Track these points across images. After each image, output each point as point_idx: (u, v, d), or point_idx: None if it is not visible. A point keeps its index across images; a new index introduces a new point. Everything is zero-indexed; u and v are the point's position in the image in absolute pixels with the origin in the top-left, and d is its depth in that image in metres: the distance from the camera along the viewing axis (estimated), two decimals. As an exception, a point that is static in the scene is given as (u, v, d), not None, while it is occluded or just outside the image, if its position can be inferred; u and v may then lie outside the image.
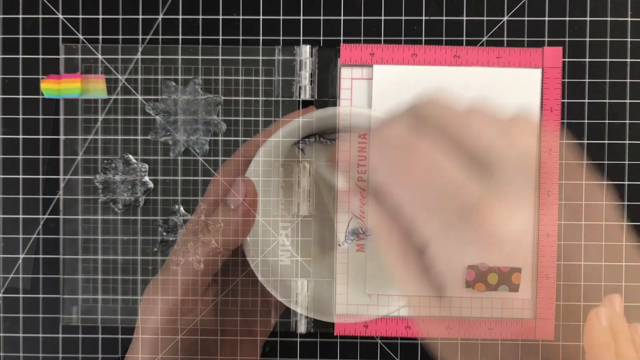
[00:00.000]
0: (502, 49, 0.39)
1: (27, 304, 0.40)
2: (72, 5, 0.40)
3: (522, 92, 0.39)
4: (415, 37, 0.40)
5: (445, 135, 0.30)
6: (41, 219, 0.40)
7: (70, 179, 0.40)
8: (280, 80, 0.39)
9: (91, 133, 0.40)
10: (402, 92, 0.39)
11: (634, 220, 0.39)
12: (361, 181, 0.39)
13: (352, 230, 0.38)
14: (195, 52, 0.40)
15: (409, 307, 0.39)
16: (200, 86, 0.40)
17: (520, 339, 0.39)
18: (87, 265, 0.40)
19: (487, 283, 0.39)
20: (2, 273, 0.40)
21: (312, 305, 0.39)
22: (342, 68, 0.39)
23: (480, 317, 0.39)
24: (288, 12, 0.40)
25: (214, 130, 0.40)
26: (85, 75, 0.40)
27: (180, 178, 0.40)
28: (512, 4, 0.39)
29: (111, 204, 0.40)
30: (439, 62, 0.39)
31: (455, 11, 0.40)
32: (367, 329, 0.39)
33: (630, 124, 0.39)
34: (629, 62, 0.39)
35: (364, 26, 0.40)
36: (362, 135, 0.39)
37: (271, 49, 0.40)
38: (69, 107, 0.40)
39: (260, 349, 0.40)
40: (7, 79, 0.40)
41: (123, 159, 0.40)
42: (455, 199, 0.30)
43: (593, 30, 0.39)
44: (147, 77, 0.40)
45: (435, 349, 0.38)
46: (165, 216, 0.40)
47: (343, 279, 0.40)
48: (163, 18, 0.40)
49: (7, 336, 0.40)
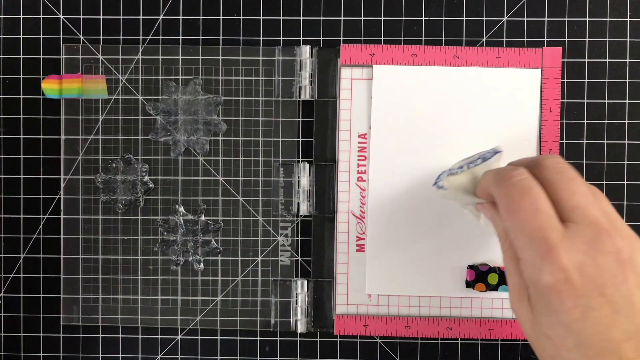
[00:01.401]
0: (501, 49, 0.39)
1: (27, 303, 0.40)
2: (73, 6, 0.40)
3: (521, 92, 0.39)
4: (415, 37, 0.40)
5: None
6: (42, 219, 0.40)
7: (70, 179, 0.40)
8: (280, 80, 0.40)
9: (92, 133, 0.40)
10: (402, 92, 0.39)
11: (633, 220, 0.39)
12: (361, 181, 0.39)
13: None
14: (196, 52, 0.40)
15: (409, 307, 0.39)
16: (201, 86, 0.40)
17: (520, 339, 0.39)
18: (87, 265, 0.40)
19: (487, 283, 0.39)
20: (3, 273, 0.40)
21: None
22: (342, 68, 0.39)
23: (480, 317, 0.39)
24: (288, 13, 0.40)
25: (214, 130, 0.40)
26: (86, 75, 0.40)
27: (180, 178, 0.40)
28: (512, 4, 0.39)
29: (112, 203, 0.40)
30: (438, 62, 0.39)
31: (455, 11, 0.40)
32: (367, 328, 0.39)
33: (629, 124, 0.39)
34: (628, 62, 0.39)
35: (364, 26, 0.40)
36: (363, 135, 0.39)
37: (271, 49, 0.40)
38: (70, 107, 0.40)
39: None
40: (8, 79, 0.40)
41: (123, 159, 0.40)
42: None
43: (592, 30, 0.39)
44: (148, 77, 0.40)
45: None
46: (165, 216, 0.40)
47: (343, 279, 0.40)
48: (163, 18, 0.40)
49: (7, 336, 0.40)
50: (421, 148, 0.39)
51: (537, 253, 0.26)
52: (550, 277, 0.25)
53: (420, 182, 0.38)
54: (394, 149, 0.39)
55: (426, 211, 0.39)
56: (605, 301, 0.25)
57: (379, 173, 0.39)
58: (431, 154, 0.39)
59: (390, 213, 0.39)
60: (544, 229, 0.26)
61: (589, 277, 0.25)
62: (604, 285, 0.25)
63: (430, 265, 0.39)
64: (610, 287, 0.25)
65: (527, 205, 0.26)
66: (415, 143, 0.39)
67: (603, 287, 0.25)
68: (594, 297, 0.25)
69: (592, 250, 0.25)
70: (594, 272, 0.25)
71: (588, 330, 0.25)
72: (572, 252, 0.25)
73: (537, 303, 0.26)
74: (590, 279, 0.25)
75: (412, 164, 0.39)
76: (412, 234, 0.39)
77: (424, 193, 0.39)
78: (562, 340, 0.26)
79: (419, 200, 0.39)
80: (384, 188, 0.39)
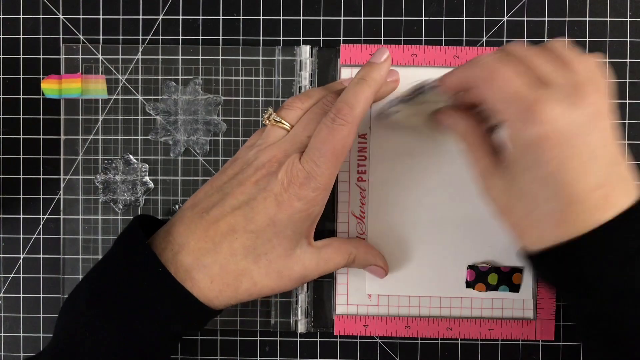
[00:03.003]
0: (501, 49, 0.39)
1: (27, 303, 0.40)
2: (73, 6, 0.40)
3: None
4: (415, 37, 0.40)
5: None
6: (42, 219, 0.40)
7: (70, 179, 0.40)
8: (280, 80, 0.40)
9: (91, 133, 0.40)
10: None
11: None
12: (361, 181, 0.39)
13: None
14: (196, 52, 0.40)
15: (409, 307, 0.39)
16: (201, 86, 0.40)
17: (520, 339, 0.39)
18: (87, 265, 0.40)
19: (487, 283, 0.39)
20: (3, 273, 0.40)
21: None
22: (342, 68, 0.39)
23: (480, 317, 0.39)
24: (288, 13, 0.40)
25: (214, 130, 0.40)
26: (86, 75, 0.40)
27: (180, 178, 0.40)
28: (512, 4, 0.39)
29: (111, 203, 0.40)
30: (438, 62, 0.39)
31: (455, 11, 0.40)
32: (367, 328, 0.39)
33: (629, 124, 0.39)
34: (628, 62, 0.39)
35: (364, 26, 0.40)
36: (363, 135, 0.39)
37: (271, 49, 0.40)
38: (70, 107, 0.40)
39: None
40: (8, 79, 0.40)
41: (123, 159, 0.40)
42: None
43: (592, 30, 0.39)
44: (148, 77, 0.40)
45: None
46: (165, 216, 0.40)
47: (343, 279, 0.40)
48: (163, 18, 0.40)
49: (7, 336, 0.40)
50: (421, 148, 0.39)
51: (519, 110, 0.28)
52: (532, 129, 0.27)
53: (420, 182, 0.38)
54: (394, 149, 0.39)
55: (426, 211, 0.39)
56: (575, 152, 0.27)
57: (379, 173, 0.39)
58: (431, 154, 0.39)
59: (390, 213, 0.39)
60: (521, 90, 0.28)
61: (564, 130, 0.27)
62: (574, 138, 0.27)
63: (430, 266, 0.39)
64: (579, 140, 0.27)
65: (506, 71, 0.28)
66: (416, 143, 0.39)
67: (574, 139, 0.27)
68: (567, 148, 0.27)
69: (570, 104, 0.27)
70: (568, 126, 0.27)
71: (561, 181, 0.27)
72: (552, 106, 0.27)
73: (517, 162, 0.29)
74: (564, 131, 0.27)
75: (412, 164, 0.39)
76: (412, 234, 0.39)
77: (424, 193, 0.39)
78: (538, 194, 0.28)
79: (419, 201, 0.39)
80: (384, 188, 0.39)
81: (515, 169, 0.29)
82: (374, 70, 0.33)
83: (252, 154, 0.33)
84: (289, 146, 0.33)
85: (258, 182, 0.32)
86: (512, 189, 0.29)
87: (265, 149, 0.33)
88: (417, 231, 0.39)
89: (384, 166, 0.39)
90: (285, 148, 0.33)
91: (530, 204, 0.29)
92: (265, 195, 0.31)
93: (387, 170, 0.39)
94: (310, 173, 0.31)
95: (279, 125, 0.34)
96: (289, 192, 0.31)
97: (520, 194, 0.29)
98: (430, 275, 0.39)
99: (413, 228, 0.39)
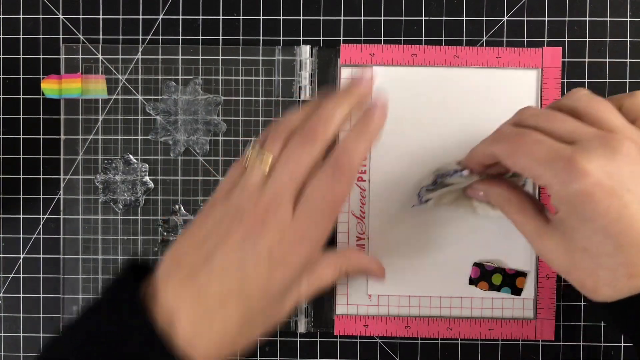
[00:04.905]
0: (501, 49, 0.39)
1: (27, 303, 0.40)
2: (73, 6, 0.40)
3: (521, 92, 0.39)
4: (415, 37, 0.40)
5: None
6: (42, 219, 0.40)
7: (70, 179, 0.40)
8: (280, 80, 0.40)
9: (91, 133, 0.40)
10: (402, 92, 0.39)
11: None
12: (361, 181, 0.39)
13: (425, 187, 0.37)
14: (196, 52, 0.40)
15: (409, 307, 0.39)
16: (201, 86, 0.40)
17: (520, 339, 0.39)
18: (87, 265, 0.40)
19: (491, 282, 0.39)
20: (3, 273, 0.40)
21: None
22: (342, 68, 0.39)
23: (480, 317, 0.39)
24: (288, 12, 0.40)
25: (214, 130, 0.40)
26: (86, 75, 0.40)
27: (180, 178, 0.40)
28: (512, 4, 0.39)
29: (111, 203, 0.40)
30: (438, 62, 0.39)
31: (455, 11, 0.40)
32: (367, 329, 0.39)
33: (630, 124, 0.39)
34: (628, 62, 0.39)
35: (364, 26, 0.40)
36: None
37: (271, 49, 0.40)
38: (70, 107, 0.40)
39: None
40: (8, 79, 0.40)
41: (123, 159, 0.40)
42: None
43: (592, 30, 0.39)
44: (148, 77, 0.40)
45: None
46: (165, 216, 0.40)
47: (343, 279, 0.40)
48: (163, 18, 0.40)
49: (7, 336, 0.40)
50: (421, 148, 0.39)
51: (558, 169, 0.26)
52: (578, 183, 0.26)
53: (420, 182, 0.38)
54: (394, 149, 0.39)
55: (426, 211, 0.39)
56: (634, 196, 0.26)
57: (379, 173, 0.39)
58: (431, 154, 0.39)
59: (390, 213, 0.39)
60: (554, 149, 0.27)
61: (614, 177, 0.26)
62: (628, 182, 0.26)
63: (431, 266, 0.39)
64: (634, 182, 0.26)
65: (532, 136, 0.28)
66: (416, 143, 0.39)
67: (627, 183, 0.26)
68: (623, 194, 0.26)
69: (606, 154, 0.26)
70: (616, 171, 0.26)
71: (626, 230, 0.26)
72: (590, 158, 0.26)
73: (570, 219, 0.27)
74: (615, 178, 0.26)
75: (412, 164, 0.39)
76: (412, 234, 0.39)
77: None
78: (601, 248, 0.26)
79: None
80: (384, 188, 0.39)
81: (569, 226, 0.27)
82: (371, 122, 0.31)
83: (234, 199, 0.29)
84: (276, 191, 0.29)
85: (245, 240, 0.28)
86: (569, 246, 0.28)
87: (248, 194, 0.29)
88: (417, 231, 0.39)
89: (384, 166, 0.39)
90: (272, 193, 0.29)
91: (595, 260, 0.27)
92: (257, 260, 0.28)
93: (387, 170, 0.39)
94: (305, 234, 0.29)
95: (262, 163, 0.30)
96: (282, 254, 0.28)
97: (580, 251, 0.27)
98: (430, 275, 0.39)
99: (413, 228, 0.39)
